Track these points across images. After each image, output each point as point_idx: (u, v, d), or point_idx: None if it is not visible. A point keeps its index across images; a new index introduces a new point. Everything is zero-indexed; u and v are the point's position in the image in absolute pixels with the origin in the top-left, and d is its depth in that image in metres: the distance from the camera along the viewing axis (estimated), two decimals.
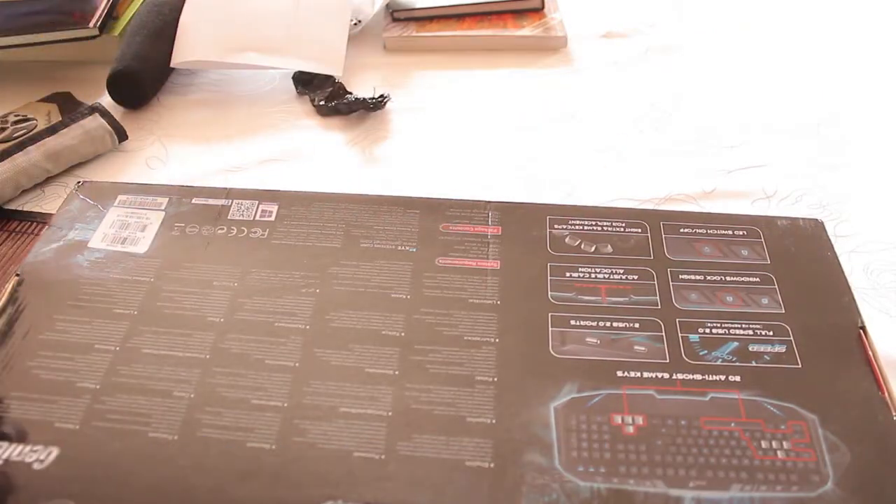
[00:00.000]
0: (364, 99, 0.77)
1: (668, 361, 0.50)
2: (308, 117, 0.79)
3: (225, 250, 0.57)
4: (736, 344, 0.51)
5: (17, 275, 0.55)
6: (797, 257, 0.57)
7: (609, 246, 0.58)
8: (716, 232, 0.59)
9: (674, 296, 0.54)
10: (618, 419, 0.47)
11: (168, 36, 0.81)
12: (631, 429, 0.46)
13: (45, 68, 0.85)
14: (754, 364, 0.50)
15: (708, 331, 0.52)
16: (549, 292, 0.54)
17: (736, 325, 0.52)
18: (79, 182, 0.63)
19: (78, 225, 0.59)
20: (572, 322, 0.52)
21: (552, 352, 0.50)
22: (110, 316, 0.52)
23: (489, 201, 0.61)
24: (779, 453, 0.45)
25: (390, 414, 0.47)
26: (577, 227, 0.59)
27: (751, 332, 0.52)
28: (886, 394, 0.48)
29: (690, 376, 0.49)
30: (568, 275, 0.55)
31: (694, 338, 0.51)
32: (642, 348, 0.51)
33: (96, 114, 0.72)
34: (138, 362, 0.50)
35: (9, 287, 0.54)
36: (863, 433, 0.46)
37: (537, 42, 0.89)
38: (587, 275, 0.55)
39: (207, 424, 0.46)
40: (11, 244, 0.63)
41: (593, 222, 0.59)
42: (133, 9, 0.86)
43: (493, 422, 0.47)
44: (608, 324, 0.52)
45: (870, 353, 0.50)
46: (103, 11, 0.80)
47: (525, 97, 0.81)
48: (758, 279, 0.55)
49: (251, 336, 0.51)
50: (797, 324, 0.52)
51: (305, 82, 0.82)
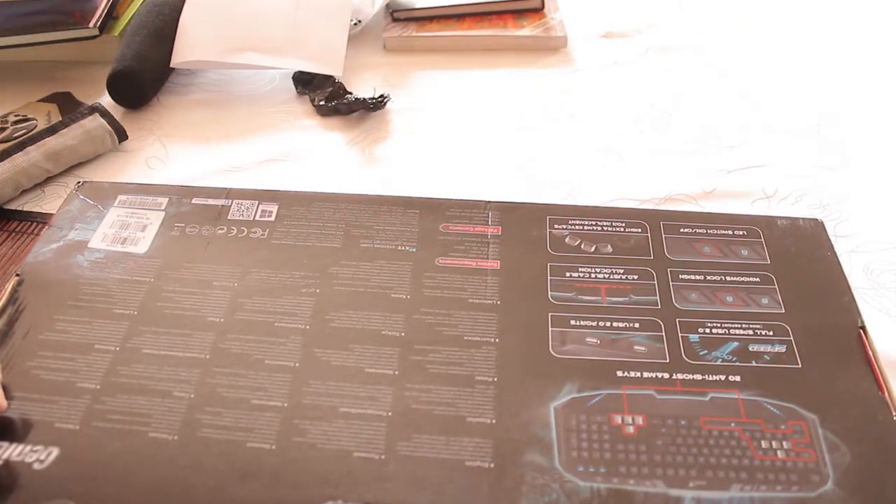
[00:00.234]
0: (364, 99, 0.77)
1: (668, 361, 0.50)
2: (308, 117, 0.79)
3: (225, 250, 0.57)
4: (736, 344, 0.51)
5: (17, 275, 0.55)
6: (797, 257, 0.57)
7: (609, 246, 0.58)
8: (716, 232, 0.59)
9: (674, 296, 0.54)
10: (618, 419, 0.47)
11: (168, 36, 0.81)
12: (631, 429, 0.46)
13: (45, 68, 0.85)
14: (754, 364, 0.50)
15: (708, 331, 0.52)
16: (549, 292, 0.54)
17: (736, 325, 0.52)
18: (79, 182, 0.63)
19: (78, 225, 0.59)
20: (572, 322, 0.52)
21: (552, 352, 0.50)
22: (110, 316, 0.52)
23: (489, 201, 0.61)
24: (779, 453, 0.45)
25: (390, 414, 0.47)
26: (577, 227, 0.59)
27: (751, 332, 0.52)
28: (886, 394, 0.48)
29: (690, 376, 0.49)
30: (568, 275, 0.55)
31: (694, 338, 0.51)
32: (642, 348, 0.51)
33: (96, 114, 0.72)
34: (138, 362, 0.50)
35: (9, 287, 0.54)
36: (863, 433, 0.46)
37: (537, 42, 0.89)
38: (587, 275, 0.55)
39: (207, 424, 0.46)
40: (11, 244, 0.63)
41: (593, 222, 0.59)
42: (133, 9, 0.86)
43: (493, 422, 0.46)
44: (608, 324, 0.52)
45: (870, 353, 0.50)
46: (103, 11, 0.80)
47: (525, 97, 0.81)
48: (758, 279, 0.55)
49: (251, 336, 0.51)
50: (797, 324, 0.52)
51: (305, 82, 0.82)
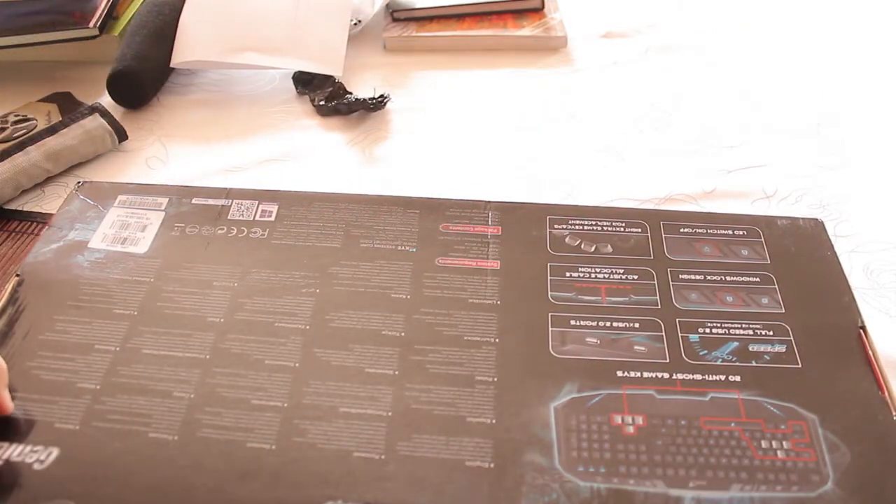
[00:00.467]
0: (364, 99, 0.77)
1: (668, 361, 0.50)
2: (308, 117, 0.79)
3: (225, 250, 0.57)
4: (736, 344, 0.51)
5: (17, 275, 0.55)
6: (797, 257, 0.57)
7: (609, 246, 0.58)
8: (716, 232, 0.59)
9: (674, 296, 0.54)
10: (618, 419, 0.47)
11: (168, 36, 0.81)
12: (631, 429, 0.46)
13: (45, 68, 0.85)
14: (754, 364, 0.50)
15: (708, 331, 0.52)
16: (549, 292, 0.54)
17: (736, 325, 0.52)
18: (79, 182, 0.63)
19: (78, 225, 0.59)
20: (572, 322, 0.52)
21: (552, 352, 0.50)
22: (110, 316, 0.52)
23: (489, 201, 0.61)
24: (779, 453, 0.45)
25: (390, 414, 0.47)
26: (577, 227, 0.59)
27: (751, 332, 0.52)
28: (886, 394, 0.48)
29: (690, 376, 0.49)
30: (568, 275, 0.55)
31: (694, 338, 0.51)
32: (642, 348, 0.51)
33: (96, 114, 0.72)
34: (138, 362, 0.50)
35: (9, 287, 0.54)
36: (863, 433, 0.46)
37: (537, 42, 0.89)
38: (587, 275, 0.55)
39: (207, 424, 0.46)
40: (11, 244, 0.63)
41: (593, 222, 0.59)
42: (133, 9, 0.86)
43: (493, 422, 0.46)
44: (608, 324, 0.52)
45: (870, 353, 0.50)
46: (103, 11, 0.80)
47: (525, 97, 0.81)
48: (758, 279, 0.55)
49: (251, 336, 0.51)
50: (797, 324, 0.52)
51: (305, 82, 0.82)
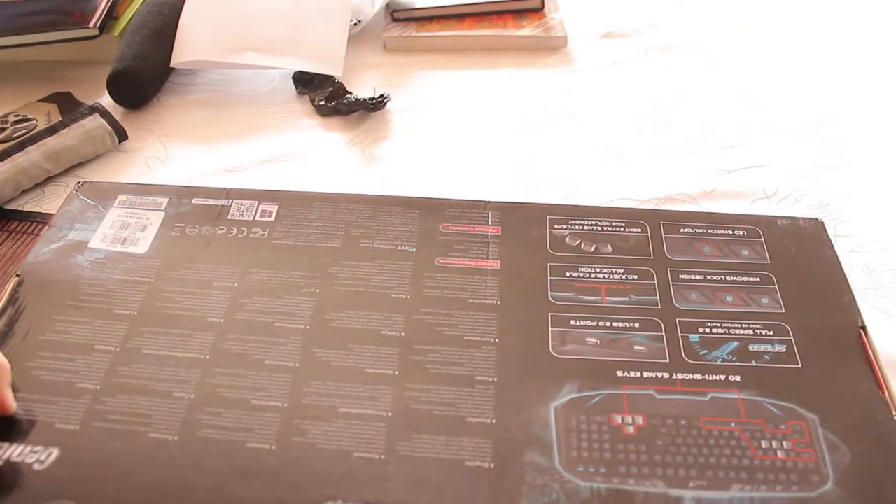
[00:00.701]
0: (364, 99, 0.77)
1: (668, 361, 0.50)
2: (308, 117, 0.79)
3: (225, 250, 0.57)
4: (736, 344, 0.51)
5: (17, 275, 0.55)
6: (797, 257, 0.57)
7: (609, 246, 0.58)
8: (716, 232, 0.59)
9: (674, 296, 0.54)
10: (618, 419, 0.47)
11: (168, 36, 0.81)
12: (631, 429, 0.46)
13: (45, 68, 0.85)
14: (754, 364, 0.50)
15: (708, 331, 0.52)
16: (549, 292, 0.54)
17: (736, 325, 0.52)
18: (79, 182, 0.63)
19: (78, 225, 0.59)
20: (572, 322, 0.52)
21: (552, 352, 0.50)
22: (110, 316, 0.52)
23: (489, 201, 0.61)
24: (779, 453, 0.45)
25: (390, 414, 0.47)
26: (577, 227, 0.59)
27: (751, 332, 0.52)
28: (886, 394, 0.48)
29: (690, 376, 0.49)
30: (568, 275, 0.55)
31: (694, 338, 0.51)
32: (642, 348, 0.51)
33: (96, 114, 0.72)
34: (138, 363, 0.50)
35: (9, 287, 0.54)
36: (863, 433, 0.46)
37: (537, 42, 0.89)
38: (587, 275, 0.55)
39: (207, 425, 0.46)
40: (11, 244, 0.63)
41: (593, 222, 0.59)
42: (133, 9, 0.86)
43: (493, 422, 0.46)
44: (608, 324, 0.52)
45: (870, 352, 0.50)
46: (103, 11, 0.80)
47: (525, 97, 0.81)
48: (758, 279, 0.55)
49: (251, 336, 0.51)
50: (797, 323, 0.52)
51: (305, 82, 0.82)
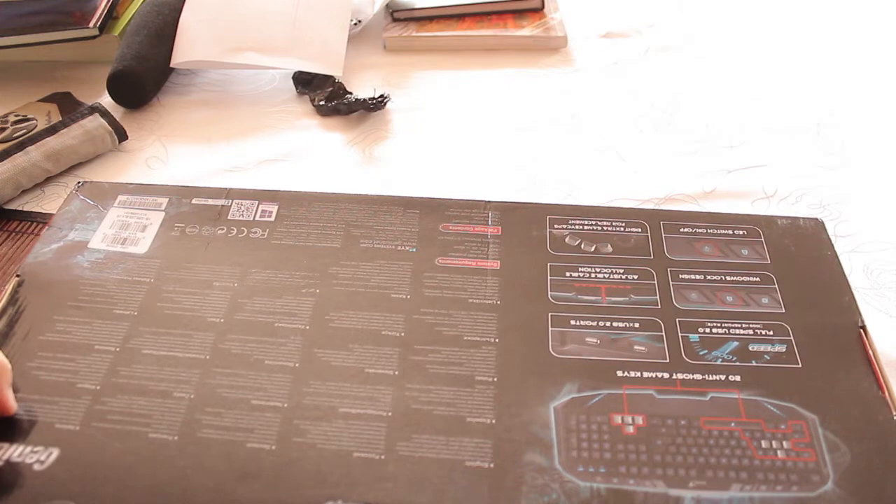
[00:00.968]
0: (364, 99, 0.77)
1: (668, 361, 0.50)
2: (308, 117, 0.79)
3: (225, 250, 0.57)
4: (736, 343, 0.51)
5: (18, 275, 0.55)
6: (797, 257, 0.57)
7: (609, 246, 0.58)
8: (716, 231, 0.59)
9: (674, 295, 0.54)
10: (618, 419, 0.47)
11: (168, 36, 0.81)
12: (631, 429, 0.46)
13: (45, 68, 0.85)
14: (754, 364, 0.50)
15: (708, 330, 0.52)
16: (549, 292, 0.54)
17: (736, 325, 0.52)
18: (79, 182, 0.63)
19: (78, 225, 0.59)
20: (572, 322, 0.52)
21: (552, 352, 0.50)
22: (110, 317, 0.52)
23: (489, 201, 0.61)
24: (779, 453, 0.45)
25: (390, 414, 0.47)
26: (577, 227, 0.59)
27: (751, 332, 0.52)
28: (886, 393, 0.48)
29: (690, 376, 0.49)
30: (568, 275, 0.55)
31: (694, 337, 0.51)
32: (642, 348, 0.51)
33: (96, 114, 0.72)
34: (138, 363, 0.50)
35: (9, 288, 0.54)
36: (863, 433, 0.46)
37: (537, 42, 0.89)
38: (587, 275, 0.55)
39: (207, 425, 0.46)
40: (11, 244, 0.63)
41: (593, 222, 0.59)
42: (133, 9, 0.86)
43: (493, 422, 0.46)
44: (608, 324, 0.52)
45: (870, 352, 0.50)
46: (103, 11, 0.80)
47: (525, 97, 0.81)
48: (758, 279, 0.55)
49: (251, 336, 0.51)
50: (797, 323, 0.52)
51: (305, 82, 0.82)
